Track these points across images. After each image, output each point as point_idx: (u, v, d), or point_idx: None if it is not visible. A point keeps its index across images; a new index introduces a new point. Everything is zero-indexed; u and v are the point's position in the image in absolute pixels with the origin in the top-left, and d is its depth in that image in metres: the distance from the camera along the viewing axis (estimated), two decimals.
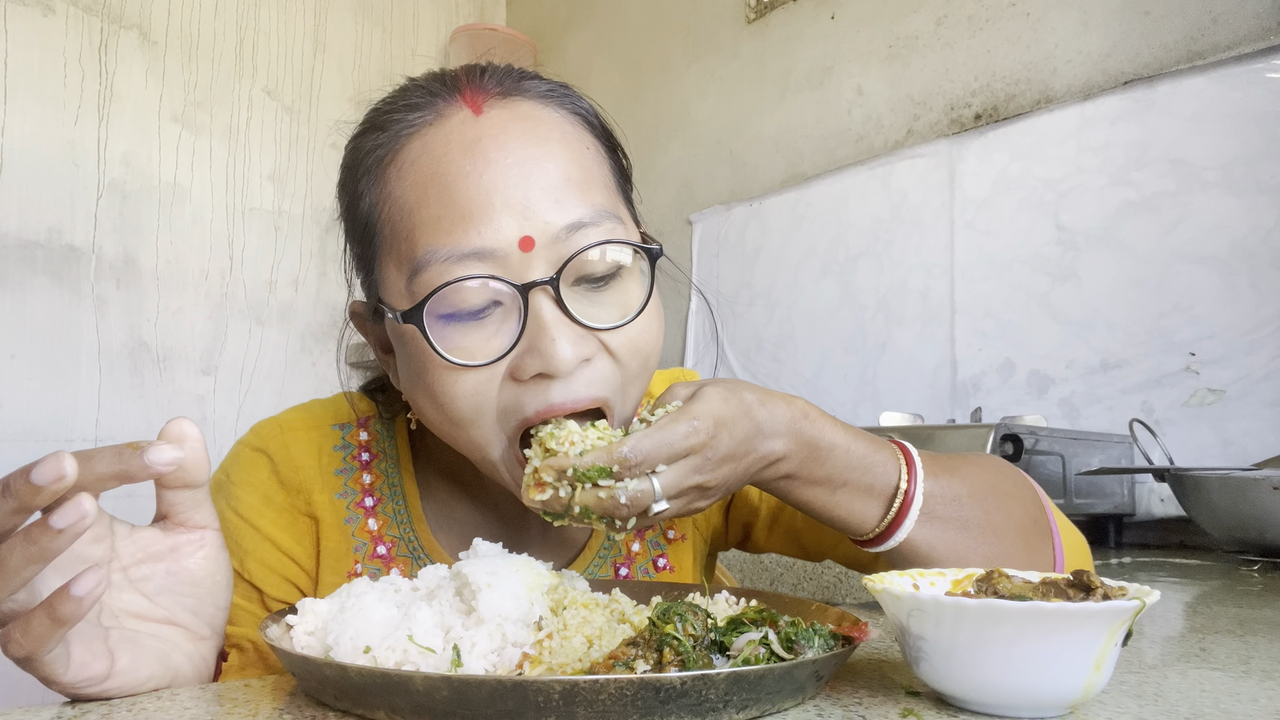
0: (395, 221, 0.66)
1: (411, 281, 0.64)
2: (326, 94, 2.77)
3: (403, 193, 0.65)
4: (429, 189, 0.63)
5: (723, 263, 2.39)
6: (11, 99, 2.20)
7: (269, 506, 0.78)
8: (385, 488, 0.80)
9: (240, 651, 0.74)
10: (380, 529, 0.79)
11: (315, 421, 0.82)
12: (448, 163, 0.63)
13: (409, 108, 0.67)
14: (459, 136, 0.64)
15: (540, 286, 0.61)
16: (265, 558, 0.77)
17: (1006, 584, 0.52)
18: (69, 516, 0.44)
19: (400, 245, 0.65)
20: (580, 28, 2.92)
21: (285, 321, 2.65)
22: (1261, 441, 1.43)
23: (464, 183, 0.62)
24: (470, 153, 0.63)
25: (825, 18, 2.19)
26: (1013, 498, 0.74)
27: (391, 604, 0.55)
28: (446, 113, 0.66)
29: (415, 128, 0.66)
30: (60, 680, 0.48)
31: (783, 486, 0.65)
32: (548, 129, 0.66)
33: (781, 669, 0.45)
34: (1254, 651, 0.64)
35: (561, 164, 0.64)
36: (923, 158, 1.96)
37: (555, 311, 0.62)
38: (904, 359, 1.96)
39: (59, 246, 2.26)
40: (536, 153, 0.64)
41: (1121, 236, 1.63)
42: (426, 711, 0.44)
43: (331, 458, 0.80)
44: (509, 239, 0.61)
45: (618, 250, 0.65)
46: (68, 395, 2.25)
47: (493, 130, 0.64)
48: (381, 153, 0.68)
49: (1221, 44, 1.53)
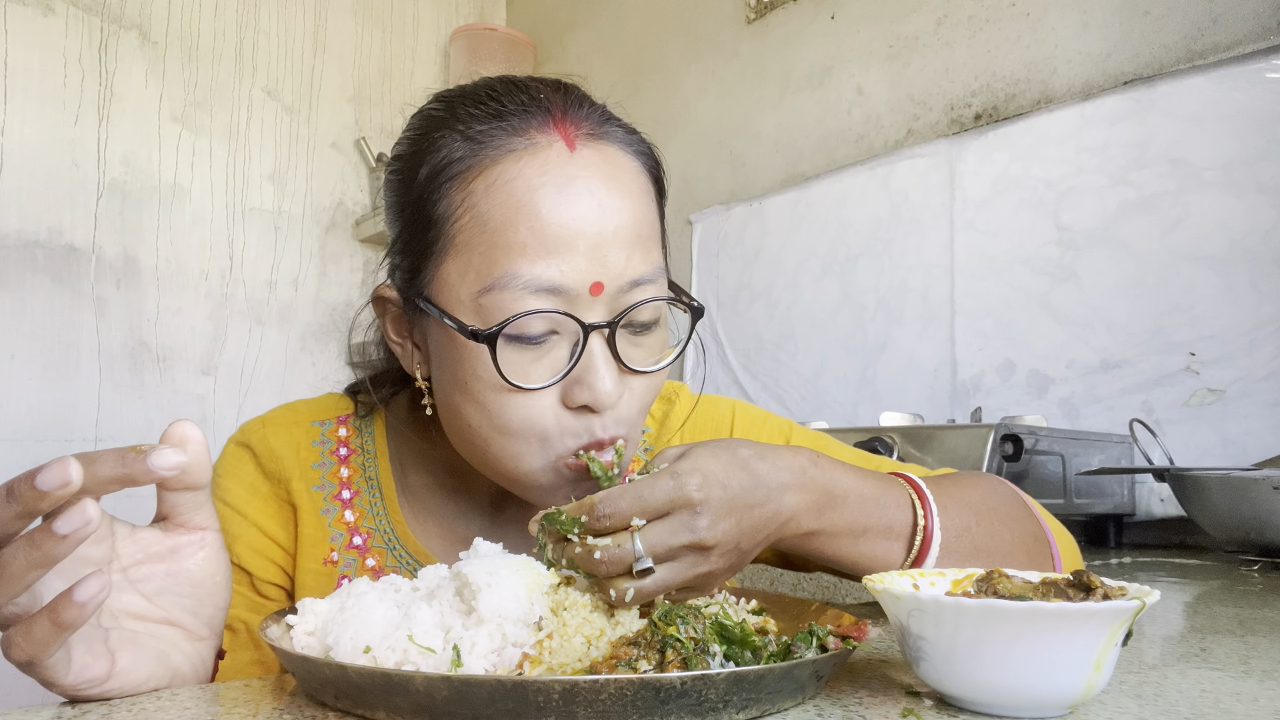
0: (473, 233, 0.68)
1: (482, 296, 0.66)
2: (326, 94, 2.77)
3: (489, 210, 0.67)
4: (519, 214, 0.66)
5: (723, 263, 2.39)
6: (11, 99, 2.20)
7: (255, 495, 0.82)
8: (362, 481, 0.84)
9: (232, 633, 0.77)
10: (356, 520, 0.82)
11: (296, 418, 0.86)
12: (542, 194, 0.66)
13: (504, 130, 0.68)
14: (555, 171, 0.67)
15: (600, 329, 0.67)
16: (253, 542, 0.81)
17: (1006, 584, 0.52)
18: (73, 522, 0.44)
19: (475, 258, 0.67)
20: (580, 28, 2.92)
21: (285, 321, 2.65)
22: (1261, 441, 1.43)
23: (554, 217, 0.66)
24: (563, 190, 0.66)
25: (825, 18, 2.19)
26: (1013, 518, 0.76)
27: (391, 604, 0.55)
28: (541, 141, 0.68)
29: (510, 150, 0.68)
30: (61, 683, 0.48)
31: (809, 545, 0.65)
32: (628, 179, 0.70)
33: (781, 669, 0.45)
34: (1254, 651, 0.64)
35: (636, 218, 0.69)
36: (923, 158, 1.96)
37: (605, 352, 0.68)
38: (904, 359, 1.96)
39: (59, 246, 2.26)
40: (618, 205, 0.68)
41: (1121, 236, 1.63)
42: (426, 711, 0.44)
43: (310, 452, 0.84)
44: (583, 281, 0.66)
45: (661, 305, 0.71)
46: (68, 395, 2.25)
47: (585, 172, 0.68)
48: (470, 163, 0.69)
49: (1221, 44, 1.53)
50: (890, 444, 1.36)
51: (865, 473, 0.68)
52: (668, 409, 0.92)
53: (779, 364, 2.22)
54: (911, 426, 1.42)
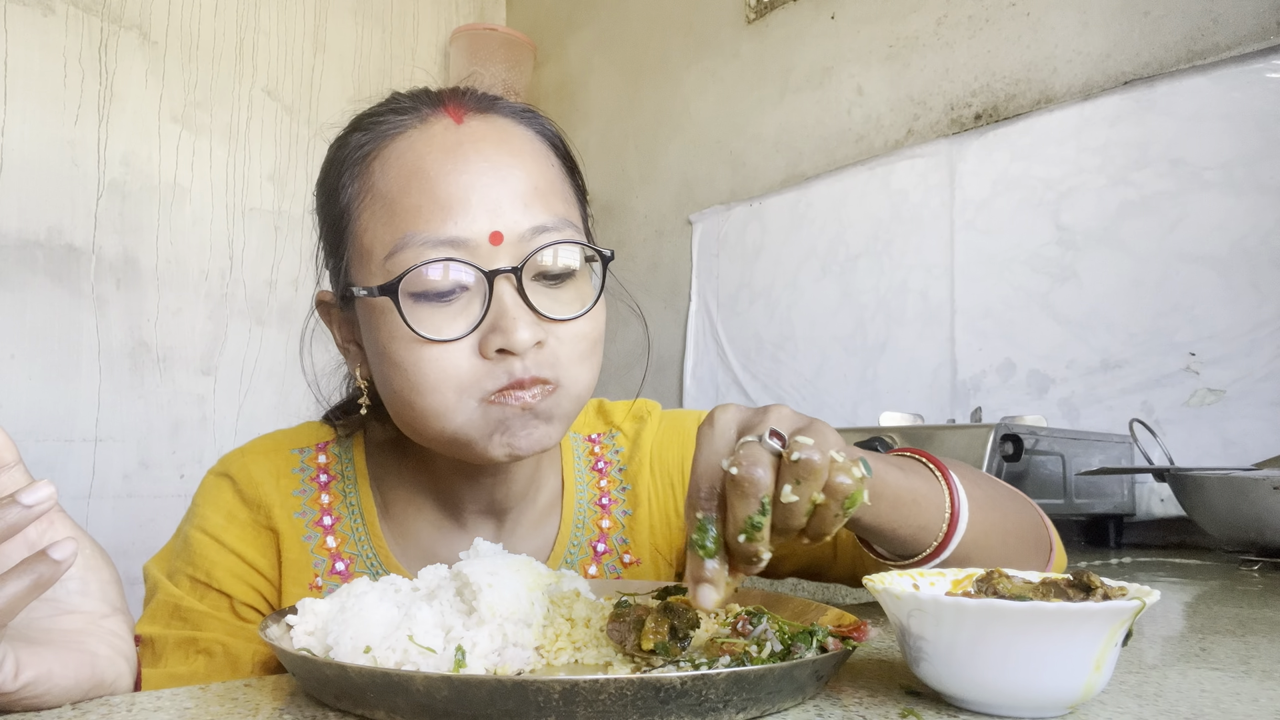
0: (376, 209, 0.71)
1: (388, 260, 0.69)
2: (326, 94, 2.77)
3: (386, 185, 0.71)
4: (411, 181, 0.70)
5: (723, 263, 2.39)
6: (11, 99, 2.20)
7: (232, 523, 0.81)
8: (343, 506, 0.84)
9: (209, 657, 0.76)
10: (338, 546, 0.82)
11: (275, 446, 0.86)
12: (430, 160, 0.70)
13: (394, 111, 0.74)
14: (441, 139, 0.71)
15: (504, 274, 0.68)
16: (232, 567, 0.80)
17: (1006, 584, 0.52)
18: (39, 494, 0.46)
19: (379, 229, 0.71)
20: (580, 28, 2.92)
21: (285, 321, 2.65)
22: (1261, 441, 1.43)
23: (444, 179, 0.69)
24: (452, 154, 0.70)
25: (825, 18, 2.19)
26: (1015, 497, 0.77)
27: (392, 604, 0.55)
28: (430, 119, 0.73)
29: (400, 129, 0.73)
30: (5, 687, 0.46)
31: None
32: (519, 143, 0.73)
33: (781, 669, 0.45)
34: (1254, 651, 0.64)
35: (530, 174, 0.72)
36: (923, 158, 1.96)
37: (516, 298, 0.69)
38: (904, 359, 1.96)
39: (59, 246, 2.26)
40: (509, 161, 0.71)
41: (1121, 236, 1.63)
42: (426, 711, 0.44)
43: (290, 479, 0.84)
44: (481, 232, 0.68)
45: (571, 254, 0.72)
46: (68, 395, 2.25)
47: (472, 138, 0.72)
48: (367, 149, 0.74)
49: (1221, 44, 1.53)
50: (890, 444, 1.36)
51: (875, 455, 0.65)
52: (639, 428, 0.91)
53: (779, 364, 2.22)
54: (911, 426, 1.42)
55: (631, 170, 2.70)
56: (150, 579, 0.82)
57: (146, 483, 2.36)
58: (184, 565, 0.80)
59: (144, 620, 0.79)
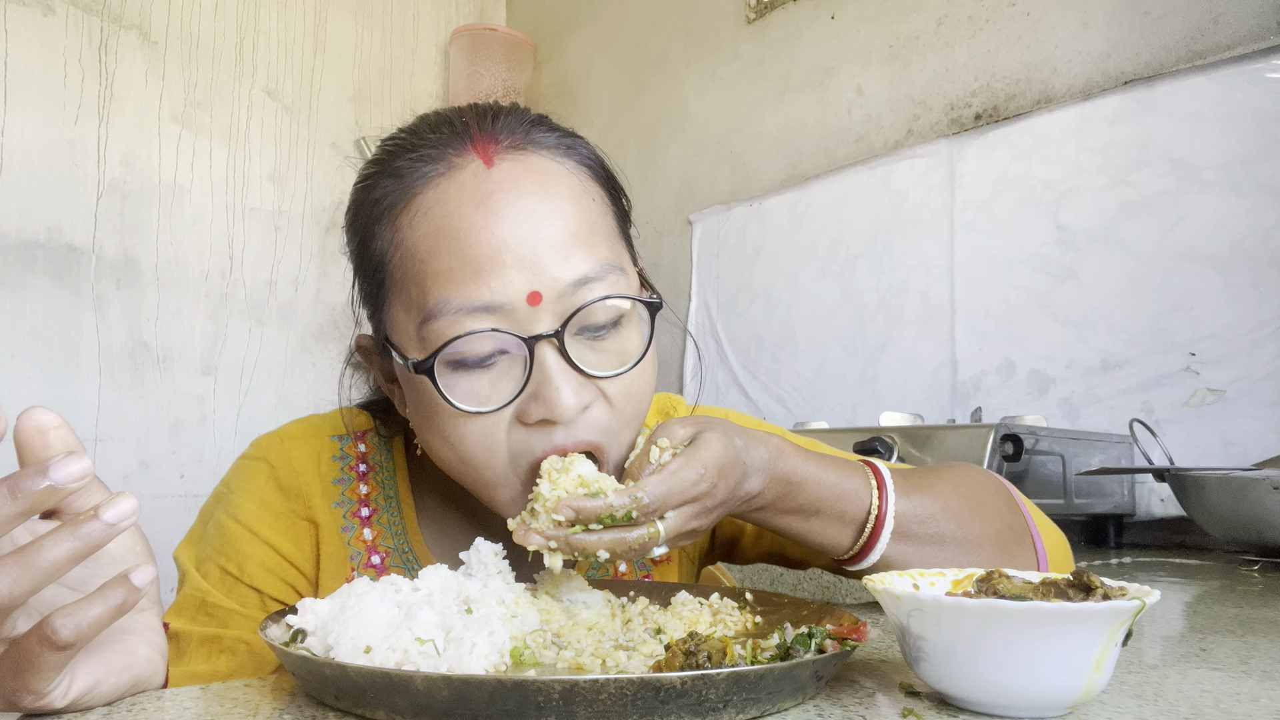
0: (406, 268, 0.68)
1: (422, 328, 0.66)
2: (326, 94, 2.77)
3: (415, 242, 0.67)
4: (441, 241, 0.65)
5: (723, 263, 2.39)
6: (11, 99, 2.20)
7: (266, 511, 0.79)
8: (381, 499, 0.82)
9: (232, 655, 0.74)
10: (375, 539, 0.80)
11: (314, 432, 0.84)
12: (460, 216, 0.65)
13: (422, 158, 0.69)
14: (471, 190, 0.66)
15: (546, 339, 0.64)
16: (264, 560, 0.78)
17: (1006, 584, 0.52)
18: (122, 509, 0.43)
19: (411, 291, 0.67)
20: (580, 28, 2.92)
21: (285, 321, 2.65)
22: (1261, 441, 1.43)
23: (476, 237, 0.64)
24: (482, 207, 0.65)
25: (825, 18, 2.19)
26: (987, 507, 0.76)
27: (392, 604, 0.55)
28: (458, 164, 0.67)
29: (428, 179, 0.68)
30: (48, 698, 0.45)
31: (757, 517, 0.70)
32: (556, 183, 0.68)
33: (781, 669, 0.45)
34: (1254, 651, 0.64)
35: (569, 219, 0.67)
36: (923, 158, 1.96)
37: (559, 361, 0.65)
38: (904, 359, 1.96)
39: (59, 246, 2.26)
40: (546, 209, 0.66)
41: (1121, 236, 1.63)
42: (426, 711, 0.44)
43: (330, 467, 0.82)
44: (518, 293, 0.64)
45: (619, 300, 0.68)
46: (68, 395, 2.25)
47: (504, 185, 0.66)
48: (394, 199, 0.69)
49: (1221, 44, 1.53)
50: (890, 444, 1.36)
51: (831, 462, 0.70)
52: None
53: (779, 364, 2.22)
54: (911, 426, 1.42)
55: (631, 170, 2.68)
56: (180, 567, 0.79)
57: (147, 483, 2.35)
58: (215, 554, 0.78)
59: (172, 611, 0.77)
